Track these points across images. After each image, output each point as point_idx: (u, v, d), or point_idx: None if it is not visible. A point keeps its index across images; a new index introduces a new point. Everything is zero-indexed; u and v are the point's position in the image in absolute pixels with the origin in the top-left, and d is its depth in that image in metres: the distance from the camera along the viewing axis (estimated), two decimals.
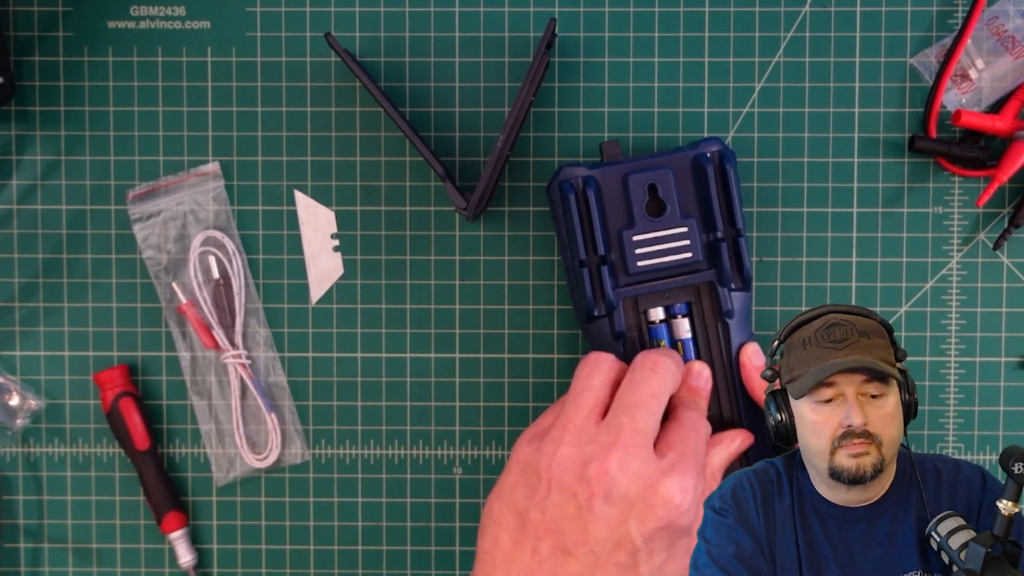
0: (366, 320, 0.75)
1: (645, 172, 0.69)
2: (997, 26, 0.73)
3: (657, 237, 0.69)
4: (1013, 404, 0.75)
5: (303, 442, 0.75)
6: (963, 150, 0.72)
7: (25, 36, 0.75)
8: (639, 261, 0.69)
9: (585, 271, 0.69)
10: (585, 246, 0.69)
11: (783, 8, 0.74)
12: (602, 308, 0.70)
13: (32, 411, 0.75)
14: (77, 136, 0.75)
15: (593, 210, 0.69)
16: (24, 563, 0.76)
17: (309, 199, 0.75)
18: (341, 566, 0.76)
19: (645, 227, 0.69)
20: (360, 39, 0.74)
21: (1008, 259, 0.74)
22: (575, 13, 0.74)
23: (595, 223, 0.69)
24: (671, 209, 0.69)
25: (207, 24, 0.74)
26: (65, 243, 0.75)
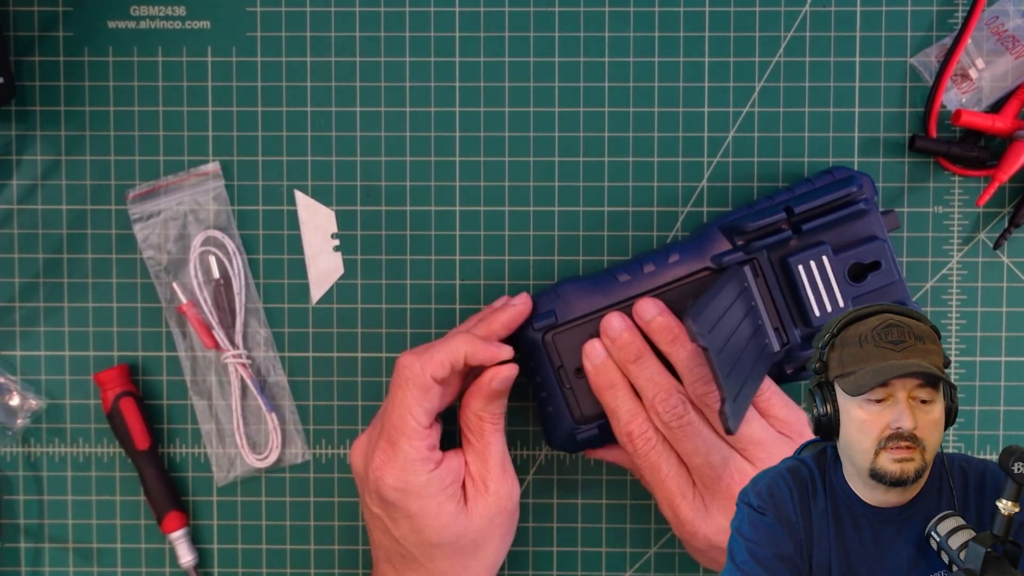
0: (366, 320, 0.75)
1: (890, 255, 0.70)
2: (997, 26, 0.73)
3: (829, 282, 0.70)
4: (1013, 404, 0.75)
5: (303, 442, 0.75)
6: (963, 150, 0.72)
7: (25, 36, 0.75)
8: (799, 265, 0.69)
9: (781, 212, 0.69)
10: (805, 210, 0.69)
11: (783, 8, 0.74)
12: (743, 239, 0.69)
13: (32, 411, 0.75)
14: (77, 136, 0.75)
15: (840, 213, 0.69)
16: (24, 563, 0.76)
17: (309, 199, 0.75)
18: (341, 566, 0.76)
19: (837, 270, 0.69)
20: (360, 39, 0.74)
21: (1008, 259, 0.74)
22: (575, 13, 0.74)
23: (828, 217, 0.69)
24: (861, 288, 0.70)
25: (207, 24, 0.74)
26: (65, 243, 0.75)
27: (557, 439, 0.71)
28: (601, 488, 0.76)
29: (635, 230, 0.74)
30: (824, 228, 0.69)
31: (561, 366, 0.70)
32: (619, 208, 0.74)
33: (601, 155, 0.74)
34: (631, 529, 0.76)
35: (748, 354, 0.66)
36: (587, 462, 0.76)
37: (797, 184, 0.70)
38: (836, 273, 0.69)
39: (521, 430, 0.76)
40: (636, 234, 0.74)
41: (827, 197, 0.69)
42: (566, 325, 0.70)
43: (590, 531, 0.76)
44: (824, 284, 0.69)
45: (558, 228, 0.75)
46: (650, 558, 0.76)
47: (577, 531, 0.76)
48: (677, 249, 0.70)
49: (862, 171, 0.71)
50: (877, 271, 0.70)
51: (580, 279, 0.70)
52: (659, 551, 0.76)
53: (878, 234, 0.70)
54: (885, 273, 0.70)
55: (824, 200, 0.69)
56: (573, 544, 0.76)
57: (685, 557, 0.76)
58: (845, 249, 0.69)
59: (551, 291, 0.70)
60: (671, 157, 0.74)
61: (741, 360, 0.65)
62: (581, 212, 0.74)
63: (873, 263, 0.70)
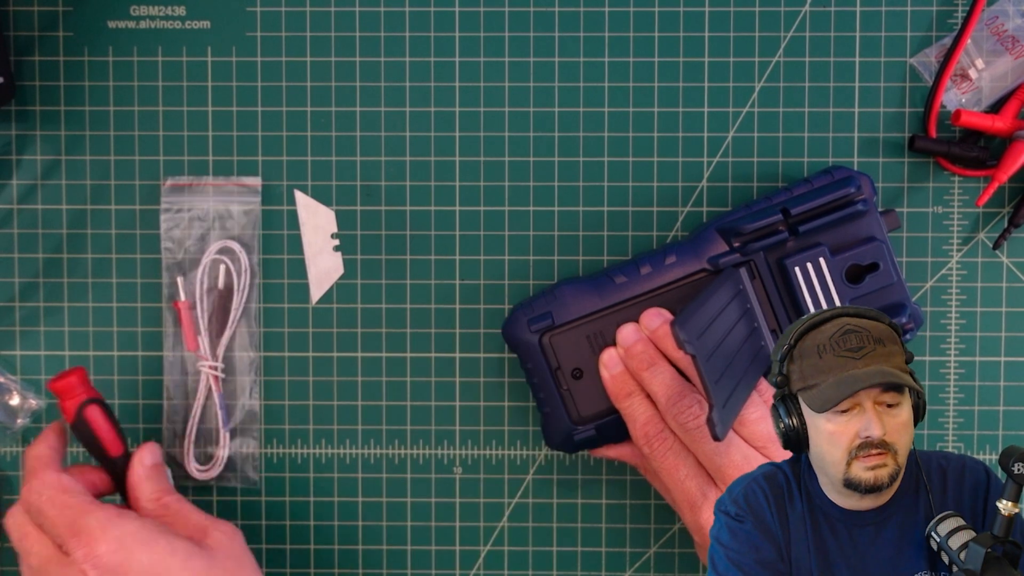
0: (366, 320, 0.75)
1: (888, 257, 0.70)
2: (997, 26, 0.73)
3: (826, 285, 0.69)
4: (1013, 404, 0.75)
5: (254, 468, 0.75)
6: (963, 150, 0.72)
7: (25, 36, 0.75)
8: (796, 267, 0.69)
9: (778, 213, 0.69)
10: (803, 210, 0.69)
11: (783, 8, 0.74)
12: (740, 242, 0.69)
13: (32, 411, 0.75)
14: (77, 136, 0.75)
15: (838, 213, 0.69)
16: None
17: (309, 199, 0.75)
18: (341, 566, 0.76)
19: (834, 272, 0.69)
20: (360, 39, 0.74)
21: (1008, 259, 0.74)
22: (575, 13, 0.74)
23: (826, 218, 0.69)
24: (859, 290, 0.70)
25: (207, 24, 0.74)
26: (65, 243, 0.75)
27: (554, 440, 0.71)
28: (601, 488, 0.76)
29: (635, 230, 0.74)
30: (822, 229, 0.69)
31: (558, 367, 0.70)
32: (619, 208, 0.74)
33: (601, 155, 0.74)
34: (631, 529, 0.76)
35: (741, 358, 0.66)
36: (587, 462, 0.76)
37: (795, 184, 0.70)
38: (833, 275, 0.69)
39: (521, 430, 0.76)
40: (636, 234, 0.75)
41: (825, 198, 0.69)
42: (563, 327, 0.70)
43: (590, 531, 0.76)
44: (821, 286, 0.69)
45: (558, 228, 0.75)
46: (650, 558, 0.76)
47: (577, 531, 0.76)
48: (674, 251, 0.70)
49: (861, 171, 0.71)
50: (875, 272, 0.69)
51: (577, 280, 0.70)
52: (659, 551, 0.76)
53: (876, 235, 0.70)
54: (883, 274, 0.69)
55: (822, 201, 0.69)
56: (573, 544, 0.76)
57: (685, 557, 0.76)
58: (843, 250, 0.69)
59: (548, 293, 0.70)
60: (671, 157, 0.74)
61: (733, 364, 0.65)
62: (581, 212, 0.74)
63: (871, 264, 0.70)
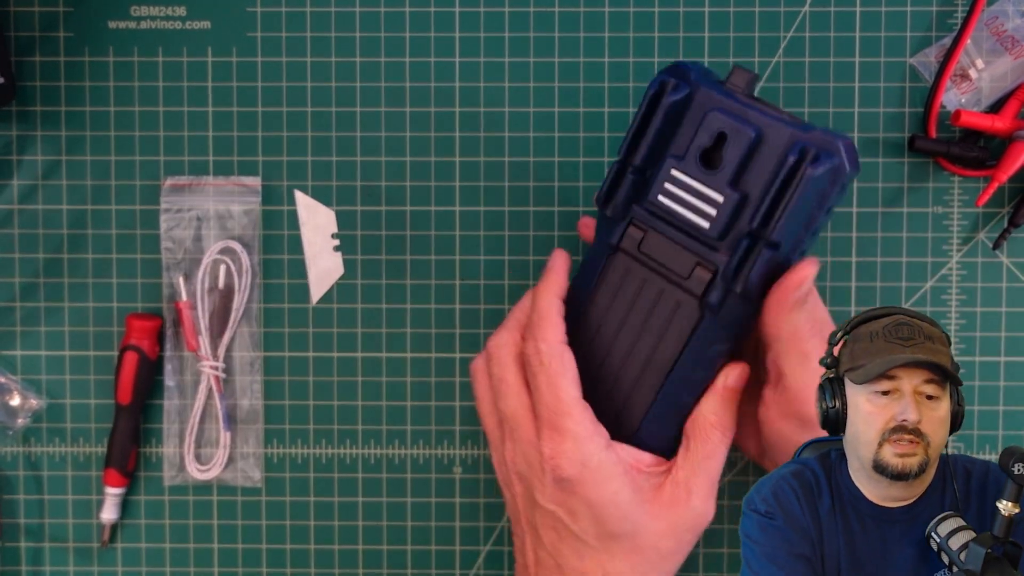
0: (366, 320, 0.75)
1: (730, 118, 0.60)
2: (997, 26, 0.73)
3: (691, 187, 0.62)
4: (1013, 404, 0.75)
5: (258, 467, 0.75)
6: (963, 150, 0.72)
7: (26, 36, 0.75)
8: (660, 195, 0.62)
9: (616, 164, 0.64)
10: (628, 145, 0.63)
11: (783, 8, 0.74)
12: (611, 209, 0.64)
13: (33, 410, 0.75)
14: (78, 136, 0.75)
15: (656, 119, 0.62)
16: (25, 562, 0.76)
17: (309, 199, 0.75)
18: (341, 566, 0.76)
19: (690, 170, 0.62)
20: (360, 39, 0.74)
21: (1008, 259, 0.74)
22: (575, 13, 0.74)
23: (649, 132, 0.62)
24: (723, 171, 0.61)
25: (207, 24, 0.75)
26: (66, 243, 0.75)
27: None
28: None
29: None
30: (657, 142, 0.63)
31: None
32: None
33: (601, 156, 0.74)
34: None
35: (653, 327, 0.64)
36: None
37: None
38: (693, 176, 0.62)
39: None
40: None
41: (640, 113, 0.62)
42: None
43: None
44: (692, 194, 0.62)
45: (558, 228, 0.75)
46: None
47: None
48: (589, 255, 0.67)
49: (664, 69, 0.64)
50: (727, 142, 0.61)
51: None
52: None
53: (709, 105, 0.62)
54: (738, 134, 0.60)
55: (640, 118, 0.63)
56: None
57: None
58: (688, 147, 0.62)
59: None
60: None
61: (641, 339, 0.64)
62: (581, 212, 0.74)
63: (719, 136, 0.61)
